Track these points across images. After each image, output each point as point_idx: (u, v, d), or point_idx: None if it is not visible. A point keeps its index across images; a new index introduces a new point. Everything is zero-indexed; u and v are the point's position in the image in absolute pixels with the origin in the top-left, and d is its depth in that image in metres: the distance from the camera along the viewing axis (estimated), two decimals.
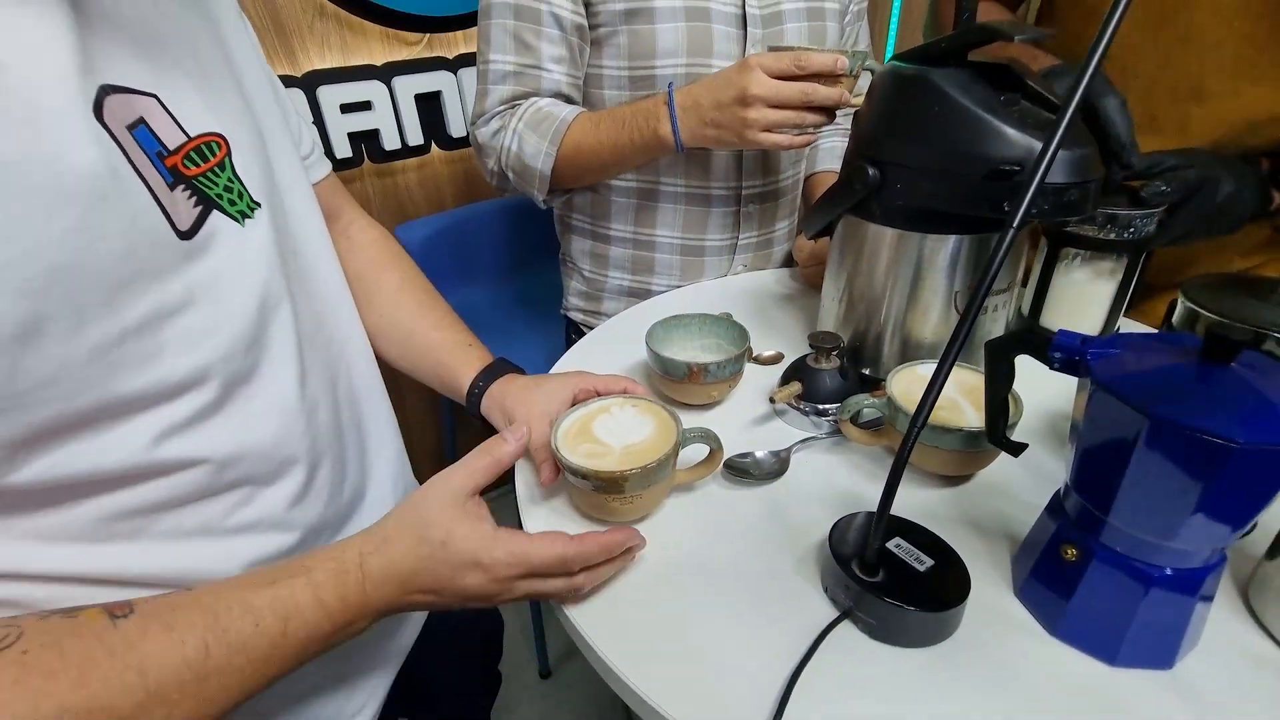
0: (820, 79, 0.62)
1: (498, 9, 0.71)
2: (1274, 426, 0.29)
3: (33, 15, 0.28)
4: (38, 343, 0.27)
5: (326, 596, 0.34)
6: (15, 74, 0.27)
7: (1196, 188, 0.59)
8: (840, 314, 0.62)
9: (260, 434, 0.38)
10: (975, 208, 0.48)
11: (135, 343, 0.31)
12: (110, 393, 0.30)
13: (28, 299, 0.26)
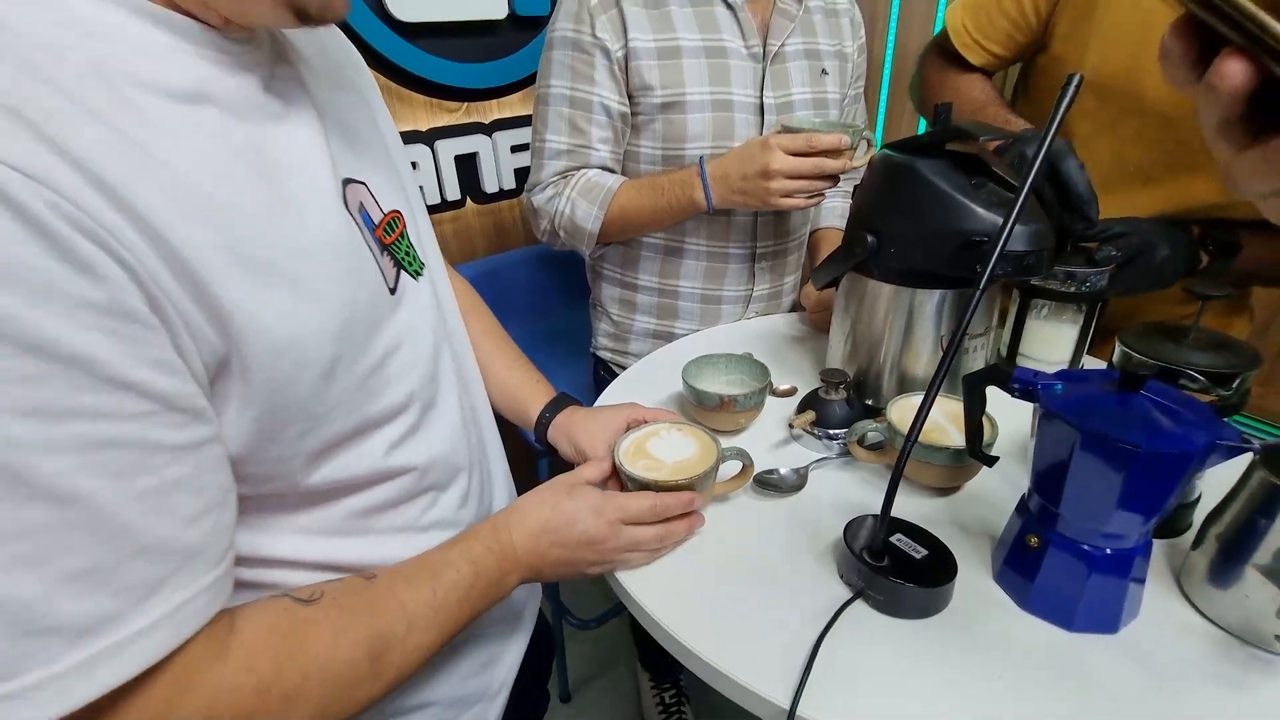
0: (827, 154, 0.75)
1: (555, 99, 0.84)
2: (1167, 437, 0.40)
3: (304, 125, 0.39)
4: (333, 377, 0.37)
5: (492, 545, 0.46)
6: (305, 174, 0.37)
7: (1139, 251, 0.71)
8: (846, 353, 0.73)
9: (442, 447, 0.48)
10: (954, 269, 0.60)
11: (377, 375, 0.41)
12: (365, 414, 0.40)
13: (332, 345, 0.36)
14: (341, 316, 0.37)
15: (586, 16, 0.80)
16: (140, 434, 0.28)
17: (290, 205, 0.35)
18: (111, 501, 0.27)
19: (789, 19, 0.86)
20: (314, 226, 0.37)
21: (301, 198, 0.36)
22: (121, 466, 0.27)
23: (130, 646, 0.28)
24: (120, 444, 0.27)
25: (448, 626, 0.43)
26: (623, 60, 0.81)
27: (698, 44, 0.82)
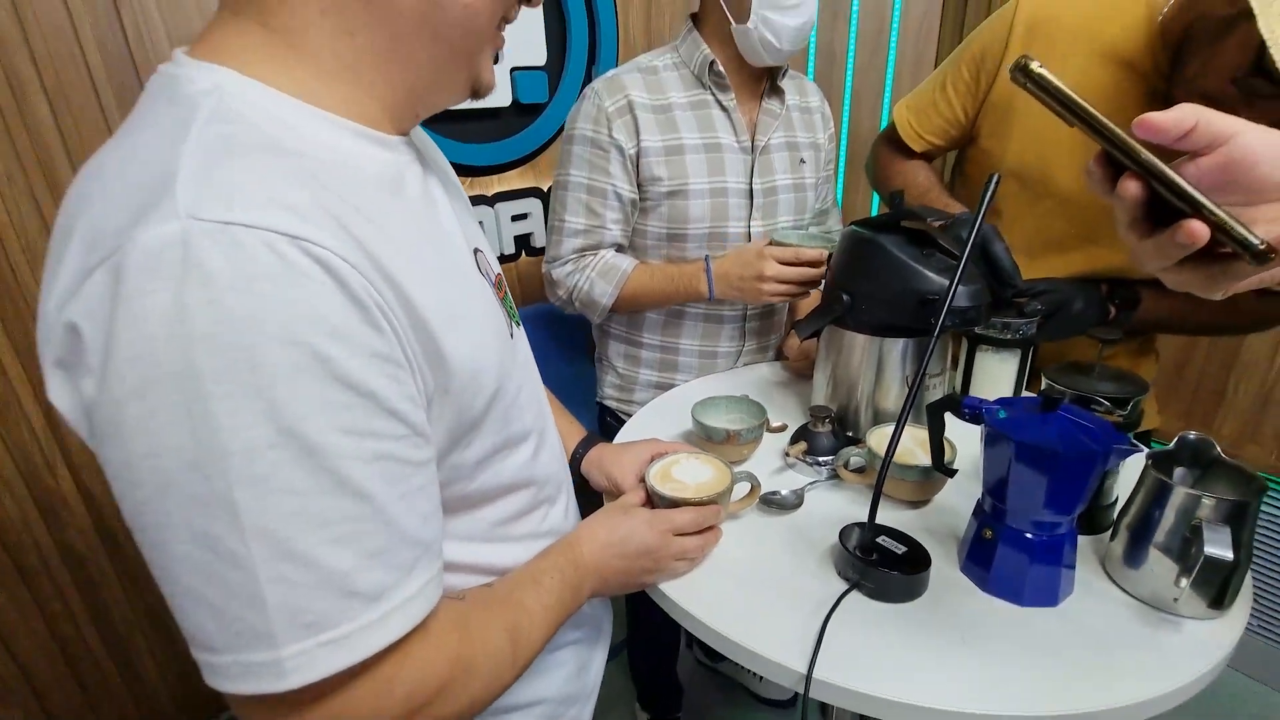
0: (811, 263, 0.91)
1: (574, 186, 0.99)
2: (1080, 443, 0.53)
3: (445, 205, 0.49)
4: (495, 400, 0.47)
5: (570, 558, 0.56)
6: (456, 243, 0.47)
7: (1059, 305, 0.87)
8: (828, 392, 0.87)
9: (553, 467, 0.58)
10: (914, 322, 0.75)
11: (514, 404, 0.50)
12: (507, 434, 0.50)
13: (494, 377, 0.46)
14: (497, 355, 0.48)
15: (605, 120, 0.95)
16: (401, 451, 0.38)
17: (457, 268, 0.46)
18: (388, 501, 0.37)
19: (773, 117, 1.03)
20: (472, 285, 0.47)
21: (460, 263, 0.47)
22: (393, 475, 0.37)
23: (398, 612, 0.37)
24: (391, 458, 0.37)
25: (552, 624, 0.52)
26: (634, 157, 0.97)
27: (698, 142, 0.98)
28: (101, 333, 0.31)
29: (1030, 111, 0.89)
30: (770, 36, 0.91)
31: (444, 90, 0.45)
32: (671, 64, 1.00)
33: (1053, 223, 0.92)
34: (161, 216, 0.31)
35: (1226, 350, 1.51)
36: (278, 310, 0.32)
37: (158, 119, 0.37)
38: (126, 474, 0.33)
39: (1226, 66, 0.69)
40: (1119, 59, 0.82)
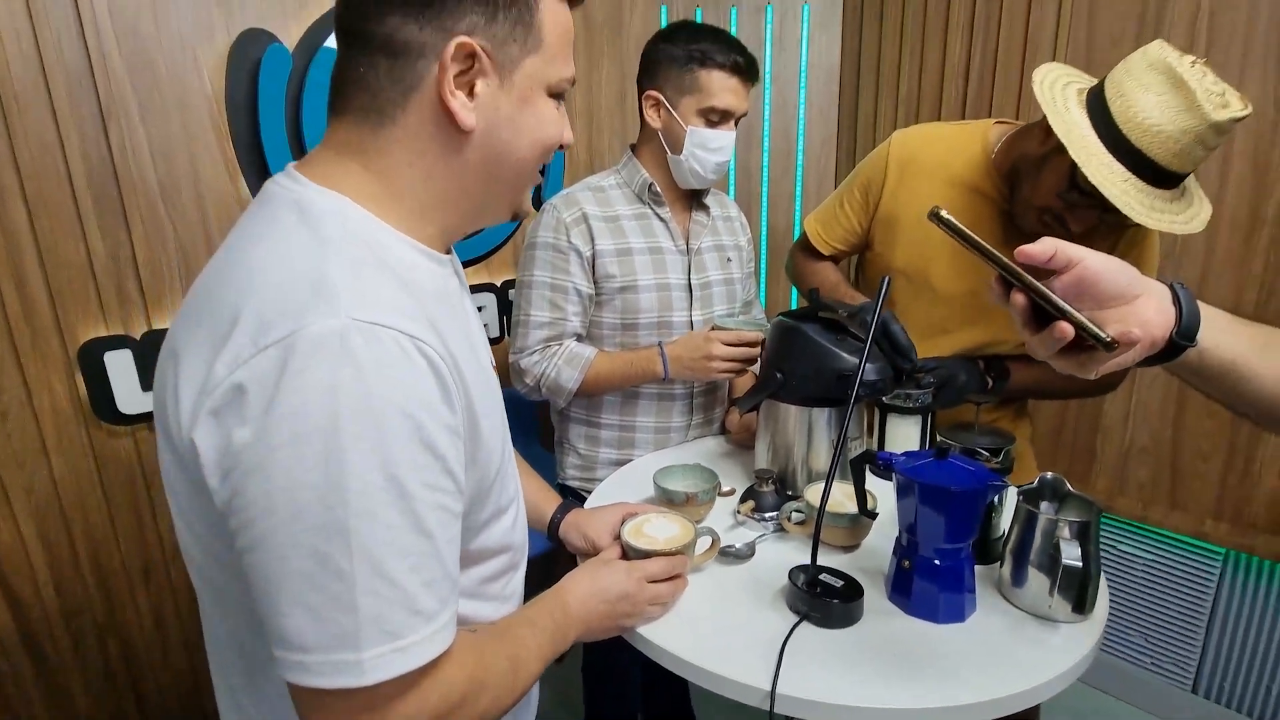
0: (751, 344, 1.08)
1: (538, 285, 1.13)
2: (969, 483, 0.68)
3: (471, 306, 0.60)
4: (501, 470, 0.56)
5: (557, 606, 0.64)
6: (481, 339, 0.58)
7: (947, 379, 1.06)
8: (769, 457, 1.00)
9: (522, 535, 0.66)
10: (835, 394, 0.91)
11: (504, 473, 0.58)
12: (503, 499, 0.58)
13: (500, 449, 0.55)
14: (501, 431, 0.58)
15: (564, 229, 1.11)
16: (452, 504, 0.47)
17: (481, 360, 0.57)
18: (442, 542, 0.46)
19: (702, 226, 1.23)
20: (489, 373, 0.58)
21: (482, 355, 0.58)
22: (445, 522, 0.46)
23: (442, 632, 0.46)
24: (446, 509, 0.46)
25: (543, 660, 0.59)
26: (590, 259, 1.12)
27: (643, 246, 1.16)
28: (267, 394, 0.41)
29: (911, 225, 1.12)
30: (697, 167, 1.12)
31: (489, 218, 0.57)
32: (616, 184, 1.19)
33: (934, 310, 1.13)
34: (328, 313, 0.42)
35: (1091, 415, 1.78)
36: (399, 388, 0.43)
37: (289, 228, 0.47)
38: (264, 502, 0.42)
39: (1049, 188, 0.93)
40: (968, 186, 1.07)
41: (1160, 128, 0.80)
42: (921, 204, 1.11)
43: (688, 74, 1.08)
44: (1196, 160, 0.83)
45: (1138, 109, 0.81)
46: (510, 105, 0.50)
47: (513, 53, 0.49)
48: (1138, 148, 0.82)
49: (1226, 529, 1.59)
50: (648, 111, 1.14)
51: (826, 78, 2.14)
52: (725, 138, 1.11)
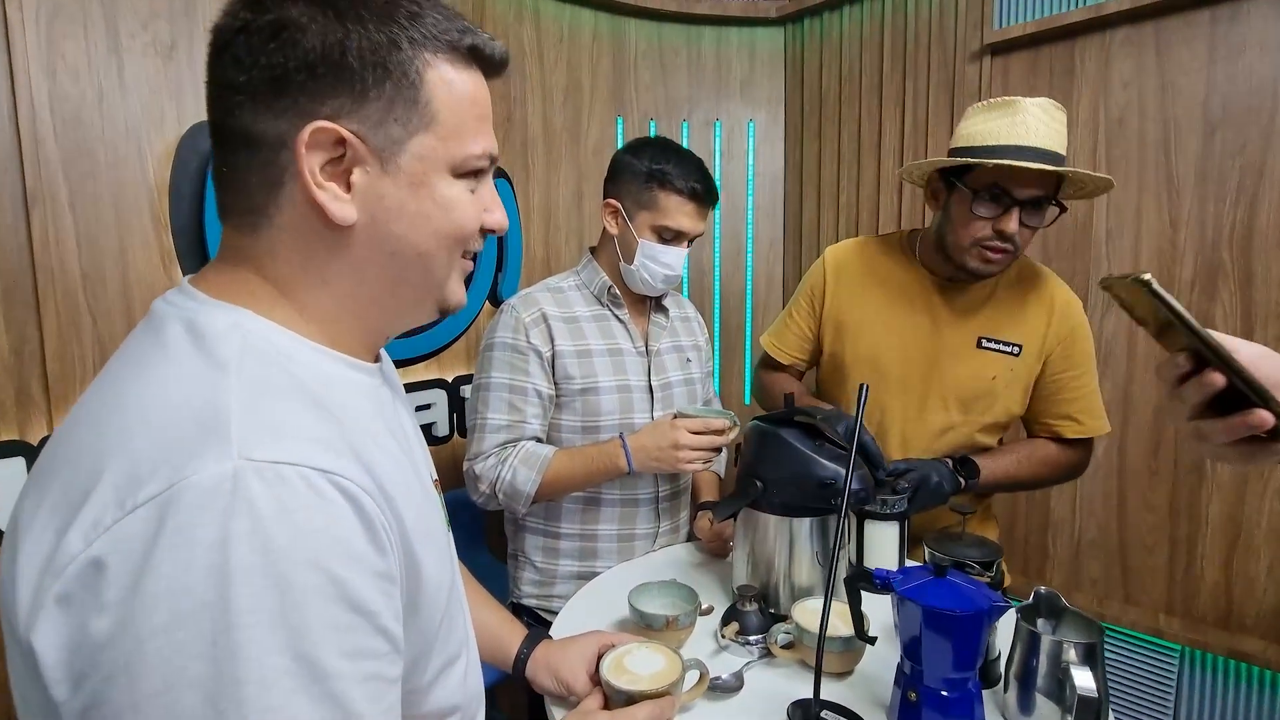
0: (717, 432, 1.04)
1: (496, 387, 1.07)
2: (969, 605, 0.65)
3: (408, 421, 0.53)
4: (445, 616, 0.48)
5: None
6: (420, 455, 0.51)
7: (921, 482, 1.05)
8: (749, 571, 0.94)
9: (475, 686, 0.56)
10: (817, 503, 0.87)
11: (450, 615, 0.50)
12: (447, 652, 0.50)
13: (446, 591, 0.48)
14: (449, 566, 0.50)
15: (523, 329, 1.08)
16: (385, 670, 0.39)
17: (421, 481, 0.49)
18: (372, 718, 0.37)
19: (660, 328, 1.22)
20: (430, 496, 0.50)
21: (422, 475, 0.51)
22: (378, 694, 0.38)
23: None
24: (378, 677, 0.38)
25: None
26: (550, 359, 1.09)
27: (603, 347, 1.13)
28: (133, 568, 0.32)
29: (856, 325, 1.18)
30: (647, 277, 1.13)
31: (410, 318, 0.51)
32: (574, 285, 1.18)
33: (891, 402, 1.16)
34: (217, 456, 0.34)
35: (1040, 511, 1.81)
36: (309, 537, 0.35)
37: (177, 354, 0.40)
38: (130, 715, 0.32)
39: (963, 218, 1.03)
40: (896, 278, 1.17)
41: (990, 119, 1.00)
42: (860, 303, 1.17)
43: (647, 191, 1.10)
44: (1055, 134, 0.98)
45: (973, 123, 1.03)
46: (400, 193, 0.44)
47: (394, 133, 0.43)
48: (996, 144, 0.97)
49: (1180, 624, 1.61)
50: (606, 217, 1.15)
51: (772, 185, 2.28)
52: (676, 254, 1.12)
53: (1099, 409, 1.15)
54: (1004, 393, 1.13)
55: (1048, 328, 1.10)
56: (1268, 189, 1.46)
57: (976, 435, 1.16)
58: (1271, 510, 1.50)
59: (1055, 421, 1.15)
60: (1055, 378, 1.13)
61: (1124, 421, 1.67)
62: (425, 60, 0.43)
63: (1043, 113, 0.97)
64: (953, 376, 1.12)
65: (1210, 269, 1.54)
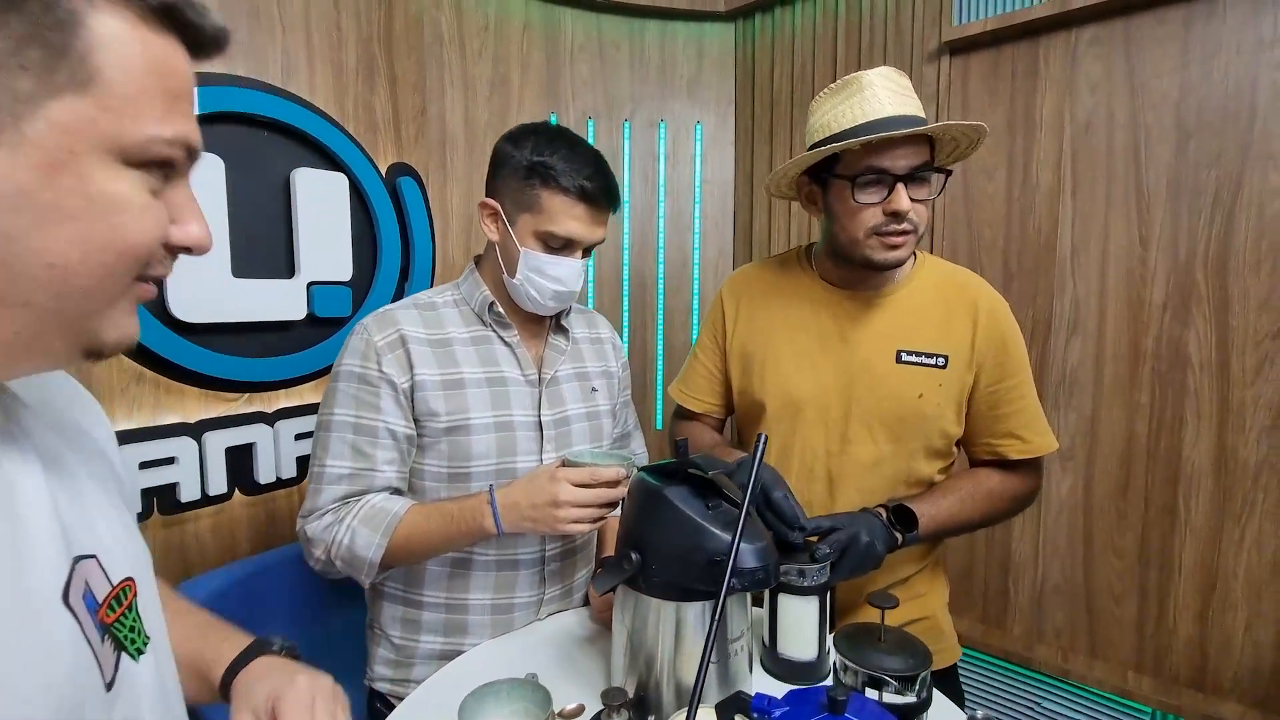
0: (608, 484, 0.84)
1: (338, 425, 0.87)
2: None
3: (63, 480, 0.34)
4: None
5: None
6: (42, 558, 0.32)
7: (848, 543, 0.87)
8: (626, 664, 0.75)
9: None
10: (705, 584, 0.68)
11: None
12: None
13: None
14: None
15: (373, 355, 0.88)
16: None
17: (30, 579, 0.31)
18: None
19: (559, 351, 1.03)
20: (43, 630, 0.32)
21: (33, 573, 0.33)
22: None
23: None
24: None
25: None
26: (409, 390, 0.89)
27: (479, 375, 0.94)
28: None
29: (763, 355, 1.02)
30: (534, 293, 0.94)
31: (26, 363, 0.35)
32: (452, 301, 0.98)
33: (814, 436, 1.00)
34: None
35: (1001, 552, 1.65)
36: None
37: None
38: None
39: (850, 211, 0.90)
40: (799, 295, 1.02)
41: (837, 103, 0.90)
42: (763, 329, 1.04)
43: (528, 189, 0.90)
44: (907, 100, 0.89)
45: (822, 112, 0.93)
46: (24, 174, 0.31)
47: (21, 85, 0.31)
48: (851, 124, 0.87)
49: (1150, 684, 1.46)
50: (484, 221, 0.96)
51: (721, 193, 2.11)
52: (568, 268, 0.93)
53: (1043, 423, 0.99)
54: (935, 413, 0.96)
55: (974, 334, 0.95)
56: (1245, 203, 1.32)
57: (915, 465, 0.98)
58: (1250, 561, 1.35)
59: (998, 442, 0.99)
60: (991, 390, 0.97)
61: (1089, 457, 1.52)
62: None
63: (888, 81, 0.88)
64: (873, 399, 0.96)
65: (1183, 292, 1.39)
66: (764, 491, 0.80)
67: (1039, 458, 0.99)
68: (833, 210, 0.93)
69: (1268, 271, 1.30)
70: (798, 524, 0.80)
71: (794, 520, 0.79)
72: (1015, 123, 1.58)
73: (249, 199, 1.32)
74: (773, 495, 0.80)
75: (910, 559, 1.03)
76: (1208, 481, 1.38)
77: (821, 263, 1.02)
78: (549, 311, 0.98)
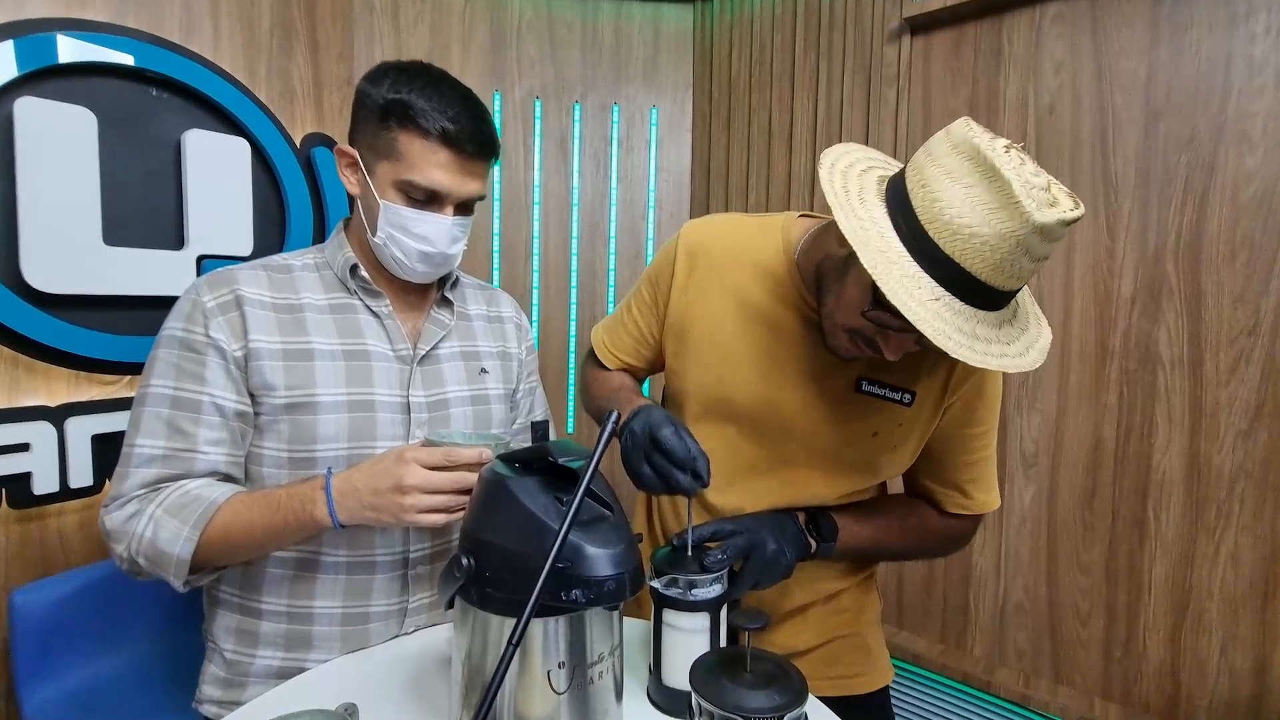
0: (470, 467, 0.71)
1: (154, 398, 0.74)
2: None
3: None
4: None
5: None
6: None
7: (750, 549, 0.74)
8: (461, 695, 0.62)
9: None
10: (549, 597, 0.55)
11: None
12: None
13: None
14: None
15: (200, 318, 0.75)
16: None
17: None
18: None
19: (440, 326, 0.90)
20: None
21: None
22: None
23: None
24: None
25: None
26: (241, 360, 0.76)
27: (335, 348, 0.81)
28: None
29: (703, 336, 0.85)
30: (399, 254, 0.81)
31: None
32: (313, 264, 0.86)
33: (742, 447, 0.84)
34: None
35: (962, 567, 1.53)
36: None
37: None
38: None
39: (854, 302, 0.69)
40: (770, 288, 0.82)
41: (973, 230, 0.58)
42: (714, 310, 0.85)
43: (384, 132, 0.78)
44: (1022, 274, 0.61)
45: (944, 203, 0.59)
46: None
47: None
48: (948, 255, 0.59)
49: (1117, 712, 1.33)
50: (342, 172, 0.83)
51: (677, 181, 2.00)
52: (436, 225, 0.80)
53: (992, 479, 0.86)
54: (887, 458, 0.81)
55: (951, 371, 0.78)
56: (1219, 188, 1.21)
57: (849, 495, 0.86)
58: (1225, 578, 1.23)
59: (938, 489, 0.86)
60: (949, 435, 0.82)
61: (1054, 463, 1.40)
62: None
63: (1042, 240, 0.59)
64: (820, 427, 0.80)
65: (1153, 285, 1.28)
66: (650, 432, 0.68)
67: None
68: (842, 274, 0.70)
69: (1243, 262, 1.20)
70: (693, 464, 0.67)
71: (688, 458, 0.66)
72: (978, 105, 1.48)
73: (130, 160, 1.20)
74: (660, 433, 0.67)
75: (837, 575, 0.90)
76: (1179, 491, 1.27)
77: (805, 263, 0.80)
78: (420, 277, 0.85)
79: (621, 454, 0.73)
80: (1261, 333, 1.18)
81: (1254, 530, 1.20)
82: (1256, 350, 1.19)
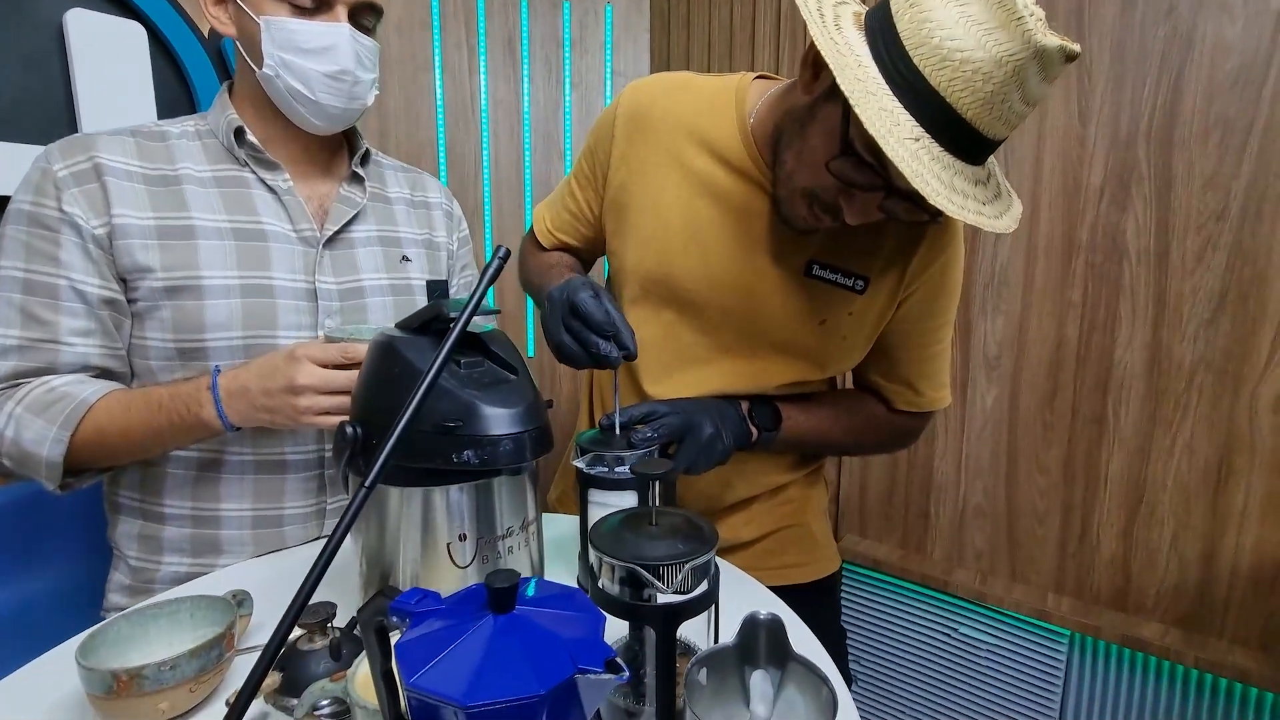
0: None
1: (5, 283, 0.66)
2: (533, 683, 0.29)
3: None
4: None
5: None
6: None
7: (684, 431, 0.70)
8: (363, 576, 0.57)
9: None
10: (433, 461, 0.50)
11: None
12: None
13: None
14: None
15: (51, 189, 0.66)
16: None
17: None
18: None
19: (351, 205, 0.82)
20: None
21: None
22: None
23: None
24: None
25: None
26: (104, 238, 0.67)
27: (222, 225, 0.72)
28: None
29: (644, 210, 0.78)
30: (298, 85, 0.71)
31: None
32: (194, 131, 0.76)
33: (681, 333, 0.78)
34: None
35: (923, 473, 1.52)
36: None
37: None
38: None
39: (818, 153, 0.62)
40: (720, 157, 0.74)
41: (966, 54, 0.52)
42: (654, 179, 0.77)
43: None
44: (1011, 117, 0.55)
45: (935, 23, 0.52)
46: None
47: None
48: (934, 86, 0.53)
49: (1069, 605, 1.35)
50: (209, 12, 0.72)
51: None
52: (333, 33, 0.70)
53: (945, 374, 0.81)
54: (834, 347, 0.76)
55: (911, 258, 0.72)
56: (1195, 62, 1.14)
57: (784, 397, 0.81)
58: (1179, 469, 1.23)
59: (888, 385, 0.81)
60: (905, 328, 0.77)
61: (1016, 365, 1.37)
62: None
63: (1039, 72, 0.53)
64: (762, 311, 0.74)
65: (1122, 171, 1.22)
66: (568, 298, 0.62)
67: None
68: (806, 123, 0.64)
69: (1215, 143, 1.14)
70: (614, 330, 0.61)
71: (607, 323, 0.61)
72: None
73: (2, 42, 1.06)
74: (576, 296, 0.61)
75: (784, 469, 0.87)
76: (1139, 385, 1.25)
77: (763, 124, 0.71)
78: (327, 120, 0.75)
79: (542, 323, 0.67)
80: (1230, 216, 1.14)
81: (1210, 420, 1.19)
82: (1224, 235, 1.14)
